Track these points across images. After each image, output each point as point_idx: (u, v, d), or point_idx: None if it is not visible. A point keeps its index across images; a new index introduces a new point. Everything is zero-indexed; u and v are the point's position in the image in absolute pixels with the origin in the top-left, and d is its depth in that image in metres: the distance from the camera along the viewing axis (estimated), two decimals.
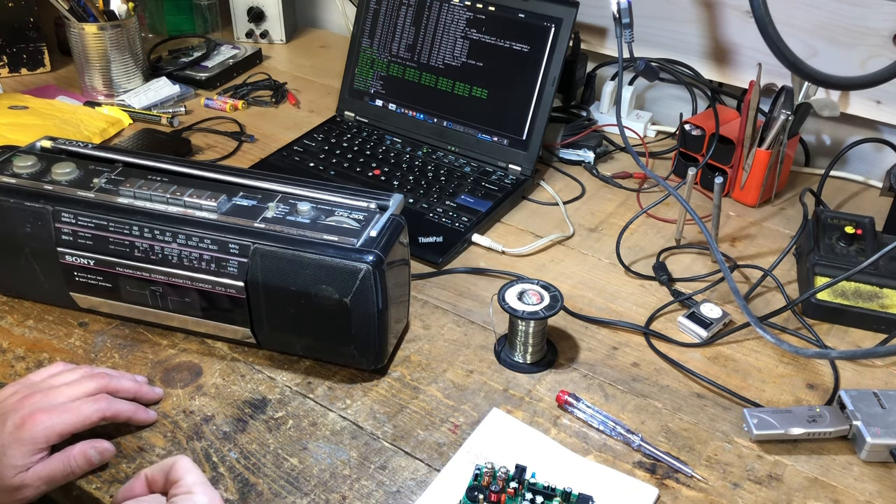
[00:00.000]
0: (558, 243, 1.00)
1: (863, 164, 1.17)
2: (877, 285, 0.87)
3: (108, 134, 1.21)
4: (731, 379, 0.80)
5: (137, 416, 0.71)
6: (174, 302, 0.78)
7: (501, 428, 0.72)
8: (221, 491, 0.66)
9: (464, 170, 1.11)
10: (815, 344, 0.84)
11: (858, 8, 1.05)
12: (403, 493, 0.67)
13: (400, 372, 0.79)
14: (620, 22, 1.04)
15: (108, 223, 0.76)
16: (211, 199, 0.76)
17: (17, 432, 0.63)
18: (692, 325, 0.85)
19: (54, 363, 0.74)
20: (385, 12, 1.18)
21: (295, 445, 0.71)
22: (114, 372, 0.74)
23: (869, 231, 0.92)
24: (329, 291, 0.71)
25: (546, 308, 0.76)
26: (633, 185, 1.13)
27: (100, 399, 0.68)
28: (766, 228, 1.04)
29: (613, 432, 0.72)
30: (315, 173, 1.11)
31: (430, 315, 0.87)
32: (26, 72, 1.40)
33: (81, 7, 1.24)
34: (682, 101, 1.27)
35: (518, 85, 1.09)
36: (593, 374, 0.80)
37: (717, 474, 0.69)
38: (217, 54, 1.43)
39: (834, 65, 1.06)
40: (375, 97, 1.22)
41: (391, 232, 0.74)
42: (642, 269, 0.95)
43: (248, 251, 0.73)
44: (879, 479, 0.70)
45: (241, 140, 1.21)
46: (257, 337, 0.78)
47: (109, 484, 0.67)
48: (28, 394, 0.66)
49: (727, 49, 1.17)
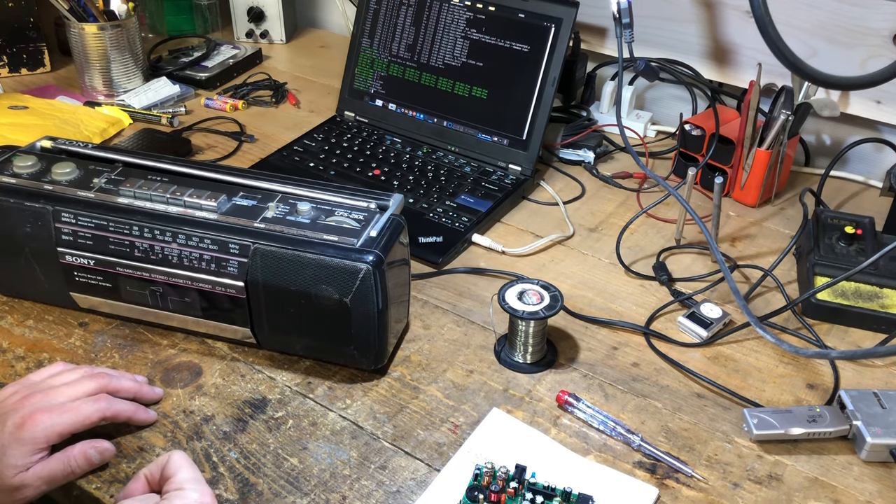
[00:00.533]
0: (558, 243, 1.00)
1: (863, 164, 1.17)
2: (877, 285, 0.87)
3: (108, 134, 1.21)
4: (731, 379, 0.80)
5: (137, 416, 0.71)
6: (174, 302, 0.78)
7: (501, 428, 0.72)
8: (221, 491, 0.66)
9: (464, 170, 1.11)
10: (815, 344, 0.84)
11: (858, 8, 1.05)
12: (403, 493, 0.67)
13: (400, 372, 0.79)
14: (620, 22, 1.04)
15: (108, 223, 0.76)
16: (211, 199, 0.76)
17: (17, 432, 0.63)
18: (692, 325, 0.85)
19: (54, 363, 0.74)
20: (385, 12, 1.19)
21: (295, 445, 0.71)
22: (114, 372, 0.74)
23: (869, 231, 0.92)
24: (329, 291, 0.71)
25: (546, 308, 0.76)
26: (633, 185, 1.13)
27: (100, 399, 0.68)
28: (766, 228, 1.04)
29: (613, 432, 0.72)
30: (315, 173, 1.11)
31: (430, 315, 0.87)
32: (26, 72, 1.40)
33: (81, 7, 1.24)
34: (682, 101, 1.27)
35: (518, 85, 1.09)
36: (593, 374, 0.80)
37: (717, 474, 0.69)
38: (217, 54, 1.43)
39: (834, 65, 1.06)
40: (375, 97, 1.22)
41: (391, 232, 0.74)
42: (642, 269, 0.95)
43: (248, 251, 0.73)
44: (879, 479, 0.70)
45: (241, 140, 1.21)
46: (257, 337, 0.78)
47: (109, 484, 0.67)
48: (28, 394, 0.66)
49: (727, 49, 1.18)
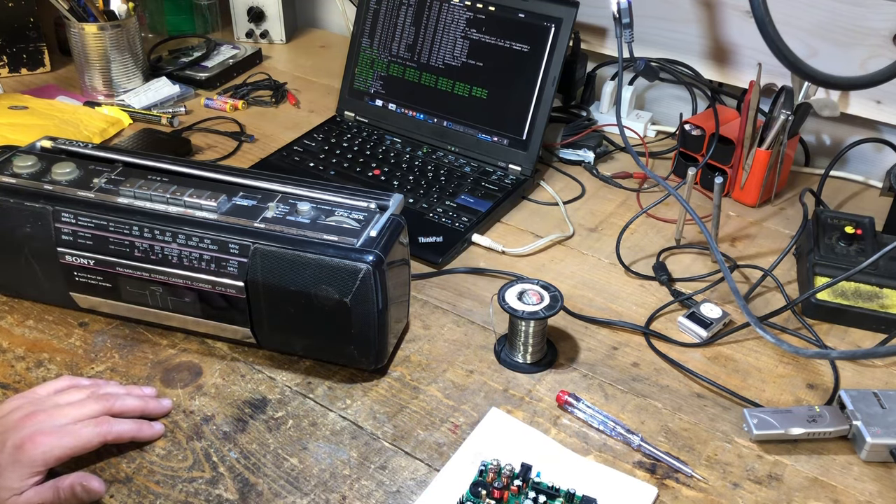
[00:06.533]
0: (558, 243, 1.00)
1: (863, 164, 1.17)
2: (877, 285, 0.87)
3: (108, 134, 1.21)
4: (731, 379, 0.80)
5: (142, 434, 0.70)
6: (174, 302, 0.78)
7: (500, 427, 0.72)
8: (221, 491, 0.66)
9: (464, 170, 1.11)
10: (815, 344, 0.84)
11: (858, 8, 1.05)
12: (403, 493, 0.67)
13: (400, 372, 0.79)
14: (620, 22, 1.04)
15: (108, 223, 0.76)
16: (211, 199, 0.76)
17: (16, 454, 0.63)
18: (692, 325, 0.85)
19: (62, 377, 0.73)
20: (385, 12, 1.18)
21: (295, 445, 0.71)
22: (121, 389, 0.73)
23: (869, 231, 0.92)
24: (329, 291, 0.71)
25: (546, 308, 0.76)
26: (633, 185, 1.13)
27: (101, 423, 0.67)
28: (766, 228, 1.04)
29: (613, 432, 0.72)
30: (315, 173, 1.11)
31: (430, 315, 0.87)
32: (26, 72, 1.40)
33: (81, 7, 1.24)
34: (682, 101, 1.27)
35: (518, 85, 1.09)
36: (593, 374, 0.80)
37: (717, 474, 0.69)
38: (217, 54, 1.43)
39: (834, 65, 1.06)
40: (375, 97, 1.22)
41: (391, 232, 0.74)
42: (642, 269, 0.95)
43: (248, 251, 0.73)
44: (879, 479, 0.70)
45: (241, 140, 1.21)
46: (257, 337, 0.78)
47: (110, 484, 0.67)
48: (31, 412, 0.66)
49: (727, 49, 1.17)
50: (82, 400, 0.69)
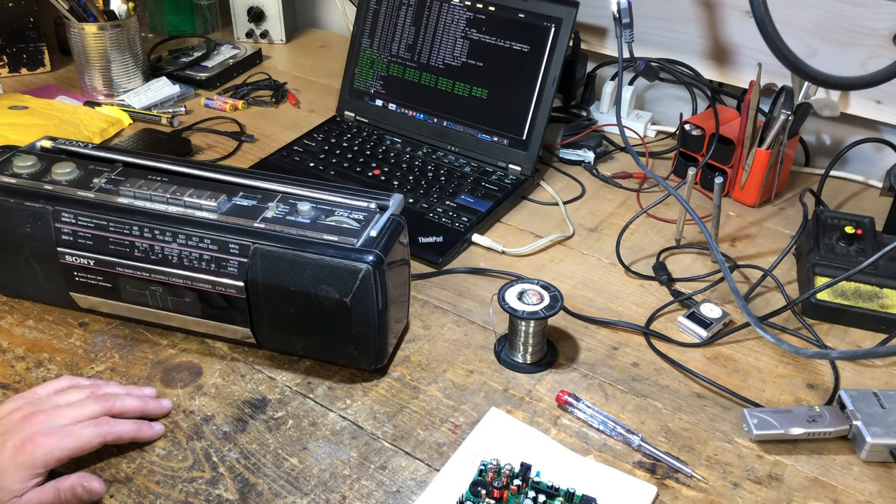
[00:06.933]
0: (558, 243, 1.00)
1: (863, 164, 1.17)
2: (877, 285, 0.87)
3: (108, 134, 1.21)
4: (731, 379, 0.80)
5: (141, 435, 0.70)
6: (174, 302, 0.78)
7: (500, 427, 0.72)
8: (221, 491, 0.66)
9: (464, 170, 1.11)
10: (815, 344, 0.84)
11: (858, 8, 1.05)
12: (403, 493, 0.67)
13: (400, 372, 0.79)
14: (620, 22, 1.04)
15: (108, 223, 0.76)
16: (211, 199, 0.76)
17: (16, 456, 0.63)
18: (692, 325, 0.85)
19: (62, 377, 0.73)
20: (385, 12, 1.18)
21: (295, 445, 0.71)
22: (121, 390, 0.73)
23: (869, 231, 0.92)
24: (329, 291, 0.71)
25: (546, 308, 0.76)
26: (633, 185, 1.13)
27: (101, 423, 0.67)
28: (766, 228, 1.04)
29: (613, 432, 0.72)
30: (315, 173, 1.11)
31: (430, 315, 0.87)
32: (26, 72, 1.40)
33: (81, 7, 1.24)
34: (682, 101, 1.27)
35: (518, 85, 1.09)
36: (593, 374, 0.80)
37: (717, 474, 0.69)
38: (217, 54, 1.43)
39: (834, 65, 1.06)
40: (375, 97, 1.22)
41: (391, 232, 0.74)
42: (642, 269, 0.95)
43: (248, 251, 0.73)
44: (879, 479, 0.70)
45: (241, 140, 1.21)
46: (257, 337, 0.78)
47: (110, 484, 0.67)
48: (31, 412, 0.66)
49: (727, 49, 1.17)
50: (82, 400, 0.69)
